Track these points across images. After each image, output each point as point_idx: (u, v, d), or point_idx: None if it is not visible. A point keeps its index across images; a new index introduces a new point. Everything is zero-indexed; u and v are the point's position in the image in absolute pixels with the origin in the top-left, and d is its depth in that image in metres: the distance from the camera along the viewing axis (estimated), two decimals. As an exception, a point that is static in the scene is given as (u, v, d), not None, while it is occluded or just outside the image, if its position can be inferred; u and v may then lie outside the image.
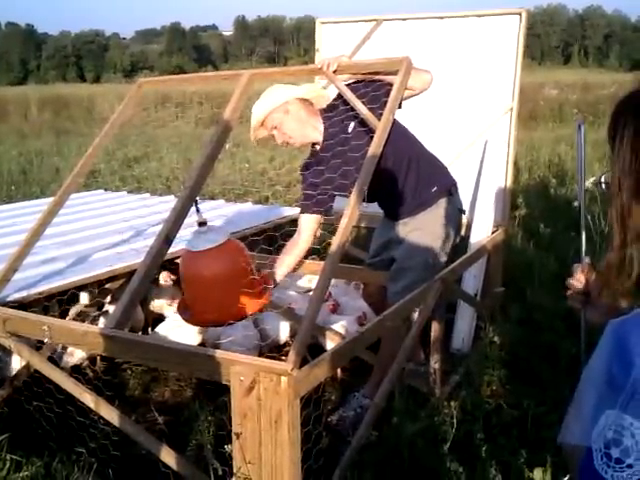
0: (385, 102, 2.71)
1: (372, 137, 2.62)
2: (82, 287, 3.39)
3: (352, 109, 2.88)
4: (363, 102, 2.80)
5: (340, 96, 3.02)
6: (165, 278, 4.05)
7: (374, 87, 2.88)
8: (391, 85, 2.77)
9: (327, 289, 2.30)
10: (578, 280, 1.34)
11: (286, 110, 2.99)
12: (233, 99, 2.83)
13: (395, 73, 2.77)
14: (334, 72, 2.85)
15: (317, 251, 3.61)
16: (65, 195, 3.10)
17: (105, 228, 4.29)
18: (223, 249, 2.56)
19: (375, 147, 2.53)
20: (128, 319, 2.40)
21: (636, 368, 0.84)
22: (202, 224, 2.64)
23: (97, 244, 3.87)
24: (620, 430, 0.83)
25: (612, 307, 1.24)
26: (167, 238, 2.47)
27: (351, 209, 2.35)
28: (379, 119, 2.68)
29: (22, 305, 2.96)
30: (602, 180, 1.19)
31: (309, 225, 3.10)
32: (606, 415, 0.85)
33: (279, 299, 3.82)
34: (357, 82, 2.95)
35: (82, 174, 3.20)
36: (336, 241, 2.28)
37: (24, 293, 3.00)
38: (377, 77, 2.92)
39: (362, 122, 2.89)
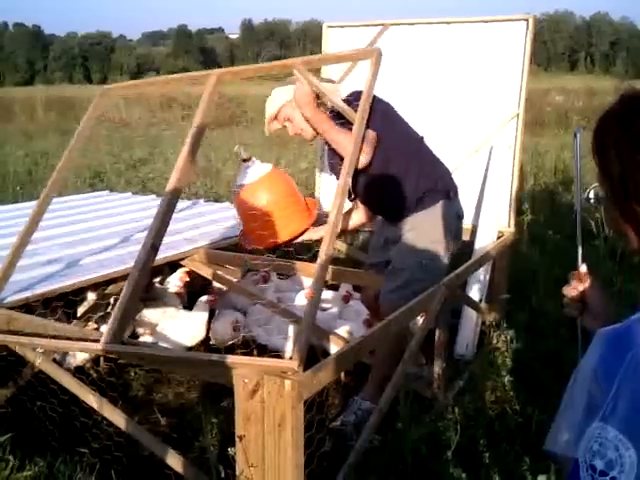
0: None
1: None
2: (87, 288, 3.40)
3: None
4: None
5: (351, 95, 3.05)
6: (181, 279, 4.05)
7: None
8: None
9: (322, 291, 2.28)
10: (574, 288, 1.34)
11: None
12: (203, 101, 2.72)
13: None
14: (309, 70, 2.88)
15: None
16: (44, 206, 3.01)
17: (110, 229, 4.30)
18: (272, 176, 2.90)
19: (356, 139, 2.51)
20: (123, 332, 2.41)
21: (618, 379, 0.84)
22: (246, 160, 2.89)
23: (102, 245, 3.87)
24: (604, 442, 0.83)
25: (608, 315, 1.24)
26: (153, 246, 2.44)
27: (335, 213, 2.31)
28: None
29: (26, 305, 2.97)
30: (591, 195, 1.18)
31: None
32: (592, 427, 0.85)
33: (284, 301, 3.83)
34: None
35: (54, 190, 3.07)
36: (323, 244, 2.23)
37: (27, 294, 2.99)
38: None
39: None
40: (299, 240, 3.10)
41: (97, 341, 2.34)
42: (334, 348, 3.40)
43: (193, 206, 5.26)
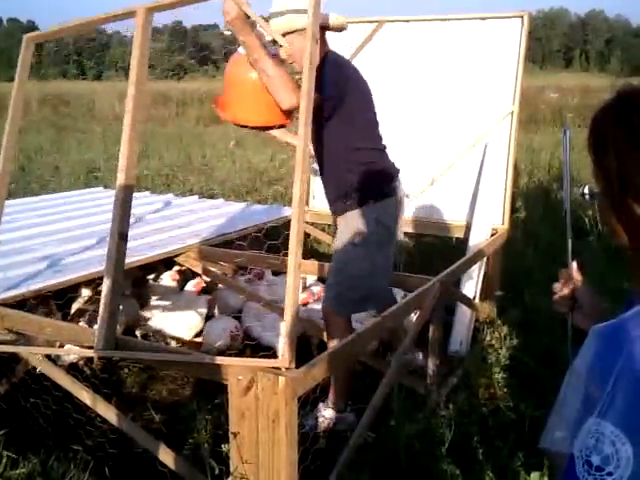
0: None
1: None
2: (81, 284, 3.39)
3: None
4: None
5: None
6: (172, 276, 4.07)
7: None
8: None
9: (299, 283, 2.11)
10: (564, 285, 1.34)
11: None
12: (136, 45, 2.45)
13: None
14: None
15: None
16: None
17: (105, 226, 4.27)
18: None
19: (307, 96, 2.08)
20: (114, 331, 2.37)
21: (614, 375, 0.84)
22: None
23: (96, 241, 3.86)
24: (601, 437, 0.83)
25: (599, 312, 1.24)
26: (121, 235, 2.37)
27: (297, 212, 2.02)
28: None
29: (19, 302, 2.96)
30: (586, 191, 1.18)
31: None
32: (588, 422, 0.85)
33: (277, 297, 3.83)
34: None
35: (8, 172, 3.06)
36: (292, 234, 2.02)
37: (22, 290, 2.98)
38: None
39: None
40: (271, 132, 3.07)
41: (91, 348, 2.32)
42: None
43: (187, 203, 5.26)
